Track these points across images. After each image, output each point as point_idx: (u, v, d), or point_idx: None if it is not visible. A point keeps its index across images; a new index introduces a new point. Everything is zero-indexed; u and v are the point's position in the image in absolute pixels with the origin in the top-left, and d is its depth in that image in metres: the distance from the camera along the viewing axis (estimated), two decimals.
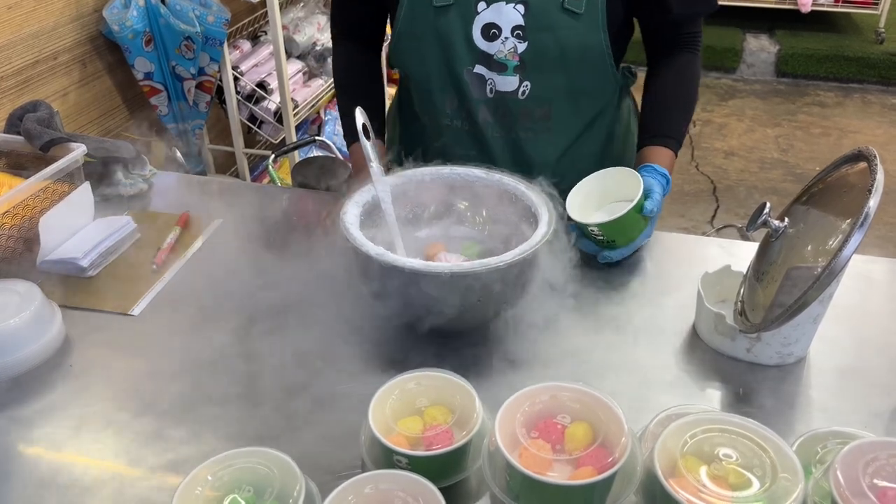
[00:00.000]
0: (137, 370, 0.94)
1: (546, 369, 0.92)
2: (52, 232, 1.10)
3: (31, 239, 1.10)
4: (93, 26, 2.19)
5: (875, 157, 0.83)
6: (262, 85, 2.65)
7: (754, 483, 0.60)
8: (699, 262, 1.07)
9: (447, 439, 0.73)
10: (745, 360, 0.93)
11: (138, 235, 1.19)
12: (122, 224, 1.16)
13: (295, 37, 2.81)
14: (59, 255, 1.09)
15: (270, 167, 2.14)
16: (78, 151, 1.16)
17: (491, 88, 1.15)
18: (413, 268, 0.86)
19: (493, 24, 1.11)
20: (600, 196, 1.14)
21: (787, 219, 0.91)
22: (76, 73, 2.16)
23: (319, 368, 0.92)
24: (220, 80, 2.52)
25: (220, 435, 0.84)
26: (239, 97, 2.62)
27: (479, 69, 1.14)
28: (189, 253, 1.15)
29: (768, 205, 0.90)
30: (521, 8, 1.09)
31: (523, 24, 1.10)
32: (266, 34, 2.84)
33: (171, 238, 1.16)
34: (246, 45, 2.74)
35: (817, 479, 0.63)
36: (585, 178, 1.14)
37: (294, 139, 2.60)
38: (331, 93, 2.92)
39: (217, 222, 1.23)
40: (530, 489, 0.64)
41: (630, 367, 0.93)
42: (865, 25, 4.86)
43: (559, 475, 0.64)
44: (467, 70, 1.15)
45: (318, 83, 2.86)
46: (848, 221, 0.80)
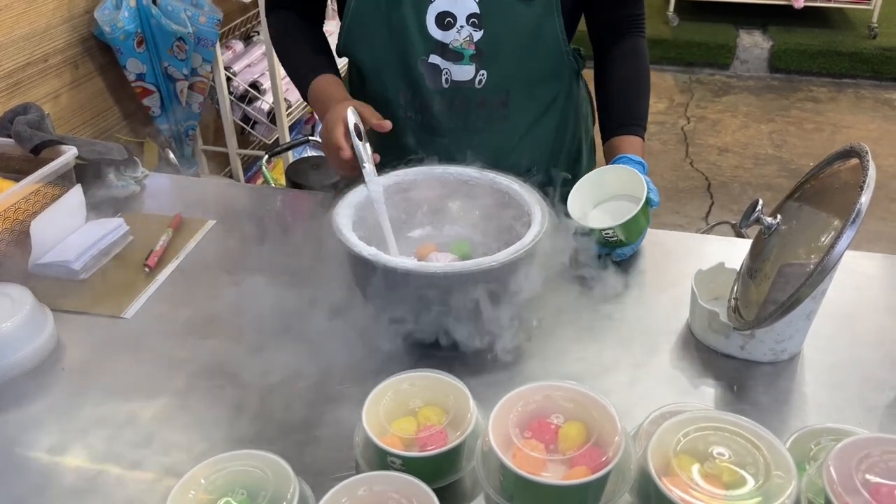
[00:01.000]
0: (130, 373, 0.93)
1: (541, 368, 0.92)
2: (44, 235, 1.09)
3: (23, 242, 1.10)
4: (84, 28, 2.18)
5: (867, 153, 0.83)
6: (255, 85, 2.65)
7: (748, 481, 0.60)
8: (693, 260, 1.07)
9: (441, 440, 0.72)
10: (740, 357, 0.93)
11: (131, 238, 1.18)
12: (114, 226, 1.16)
13: None
14: (51, 258, 1.09)
15: (264, 167, 2.13)
16: (69, 154, 1.16)
17: (446, 78, 1.13)
18: (406, 268, 0.86)
19: (448, 12, 1.09)
20: (595, 196, 1.14)
21: (779, 216, 0.91)
22: (68, 75, 2.15)
23: (313, 370, 0.92)
24: (213, 81, 2.51)
25: (213, 438, 0.83)
26: (232, 98, 2.61)
27: (434, 59, 1.12)
28: (182, 255, 1.15)
29: (761, 202, 0.90)
30: None
31: (478, 11, 1.09)
32: (258, 34, 2.83)
33: (164, 240, 1.16)
34: (238, 46, 2.73)
35: (811, 475, 0.63)
36: (580, 180, 1.13)
37: (287, 139, 2.60)
38: None
39: (210, 223, 1.22)
40: (524, 489, 0.64)
41: (624, 365, 0.93)
42: (858, 21, 4.87)
43: (553, 475, 0.64)
44: (422, 60, 1.12)
45: None
46: (840, 218, 0.80)
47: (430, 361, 0.91)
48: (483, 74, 1.13)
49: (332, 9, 1.31)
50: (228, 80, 2.59)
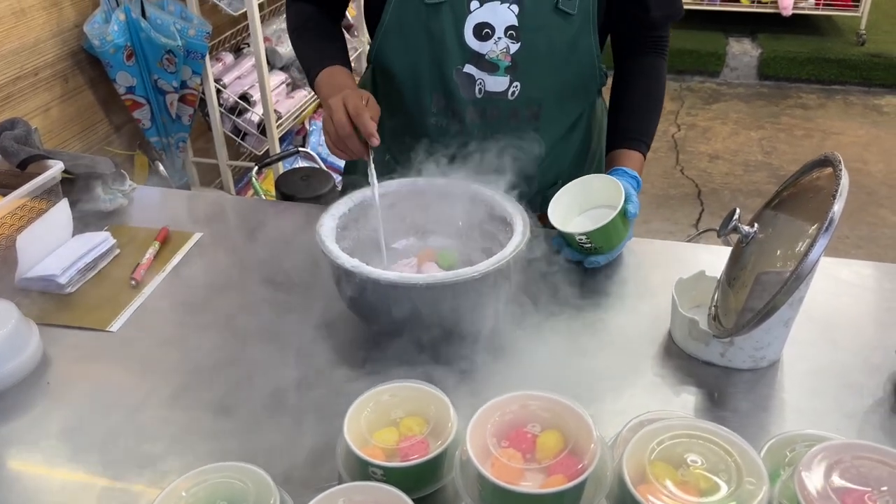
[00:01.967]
0: (115, 386, 0.94)
1: (521, 377, 0.93)
2: (30, 249, 1.10)
3: (9, 257, 1.10)
4: (74, 41, 2.19)
5: (840, 162, 0.84)
6: (245, 97, 2.66)
7: (721, 487, 0.61)
8: (675, 268, 1.08)
9: (423, 449, 0.73)
10: (720, 365, 0.94)
11: (118, 251, 1.19)
12: (100, 240, 1.16)
13: (277, 48, 2.82)
14: (38, 273, 1.09)
15: (254, 179, 2.14)
16: (55, 169, 1.17)
17: (480, 89, 1.14)
18: (388, 280, 0.87)
19: (487, 23, 1.10)
20: (580, 203, 1.15)
21: (756, 224, 0.92)
22: (58, 89, 2.16)
23: (297, 382, 0.92)
24: (203, 93, 2.52)
25: (197, 450, 0.84)
26: (222, 109, 2.62)
27: (469, 69, 1.13)
28: (168, 268, 1.15)
29: (738, 211, 0.91)
30: (515, 8, 1.09)
31: (517, 24, 1.09)
32: (248, 46, 2.84)
33: (150, 253, 1.16)
34: (228, 58, 2.75)
35: (784, 481, 0.64)
36: (564, 188, 1.15)
37: (278, 150, 2.61)
38: (315, 103, 2.93)
39: (197, 236, 1.23)
40: (502, 499, 0.65)
41: (606, 373, 0.94)
42: (846, 28, 4.91)
43: (531, 484, 0.65)
44: (457, 70, 1.13)
45: (301, 94, 2.87)
46: (815, 226, 0.81)
47: (412, 372, 0.91)
48: (517, 86, 1.13)
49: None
50: (218, 91, 2.60)
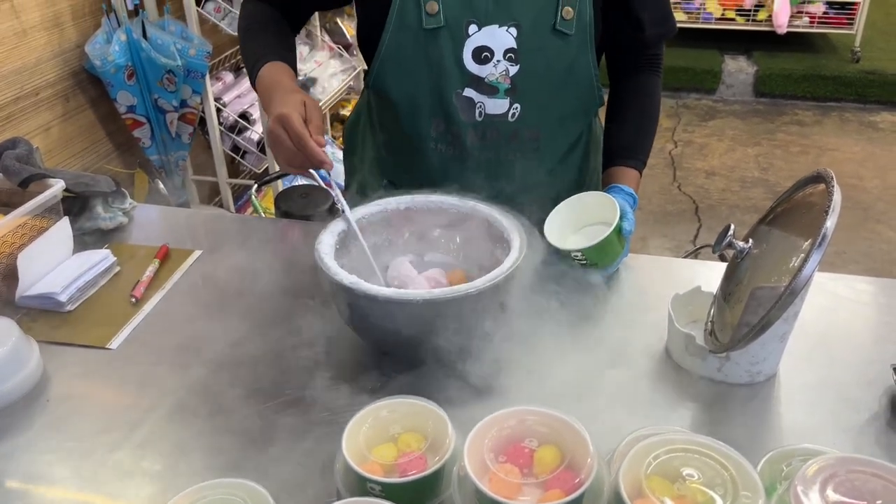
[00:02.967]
0: (115, 403, 0.94)
1: (519, 393, 0.93)
2: (31, 267, 1.10)
3: (10, 275, 1.11)
4: (75, 61, 2.21)
5: (832, 178, 0.85)
6: (244, 115, 2.68)
7: (717, 501, 0.61)
8: (672, 284, 1.08)
9: (421, 465, 0.73)
10: (717, 380, 0.95)
11: (118, 269, 1.20)
12: (100, 258, 1.17)
13: None
14: (38, 291, 1.10)
15: (253, 197, 2.15)
16: (56, 187, 1.17)
17: (480, 112, 1.14)
18: (386, 296, 0.88)
19: (486, 47, 1.10)
20: (576, 220, 1.16)
21: (751, 240, 0.93)
22: (59, 108, 2.17)
23: (295, 398, 0.93)
24: (203, 112, 2.54)
25: (196, 467, 0.84)
26: (222, 128, 2.64)
27: (469, 92, 1.13)
28: (168, 285, 1.16)
29: (732, 226, 0.92)
30: (513, 31, 1.09)
31: (516, 46, 1.10)
32: None
33: (150, 271, 1.17)
34: (229, 77, 2.77)
35: (780, 495, 0.64)
36: (560, 205, 1.16)
37: (277, 168, 2.62)
38: None
39: (196, 254, 1.24)
40: None
41: (603, 388, 0.94)
42: (841, 45, 4.96)
43: (529, 499, 0.65)
44: (457, 93, 1.13)
45: None
46: (808, 241, 0.82)
47: (410, 388, 0.92)
48: (517, 108, 1.14)
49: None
50: (218, 110, 2.62)
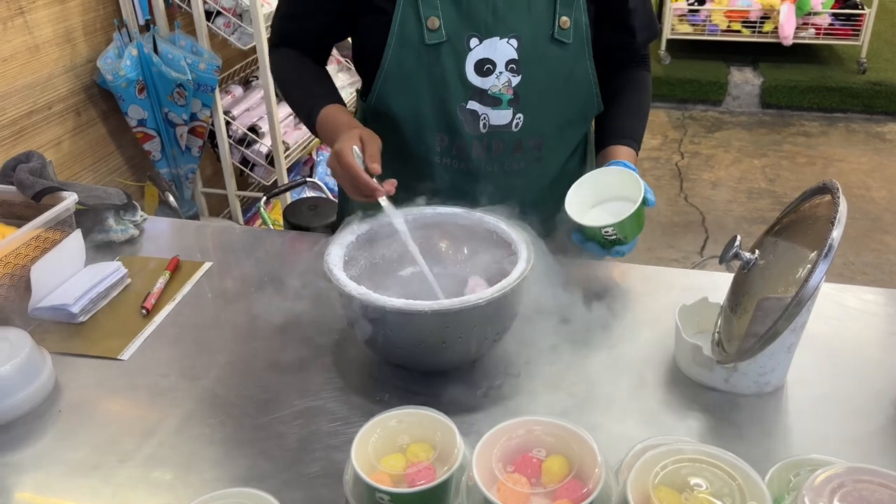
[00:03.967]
0: (126, 414, 0.95)
1: (527, 403, 0.94)
2: (44, 279, 1.12)
3: (23, 287, 1.12)
4: (87, 76, 2.24)
5: (838, 189, 0.85)
6: (253, 129, 2.70)
7: None
8: (679, 294, 1.09)
9: (429, 475, 0.74)
10: (724, 390, 0.95)
11: (129, 280, 1.21)
12: (112, 270, 1.19)
13: None
14: (51, 302, 1.11)
15: (262, 209, 2.17)
16: (69, 200, 1.19)
17: (484, 123, 1.15)
18: (395, 307, 0.88)
19: (488, 59, 1.11)
20: (593, 197, 1.16)
21: (757, 251, 0.93)
22: (70, 122, 2.20)
23: (305, 408, 0.93)
24: (213, 125, 2.56)
25: (206, 477, 0.85)
26: (231, 141, 2.66)
27: (473, 105, 1.14)
28: (178, 297, 1.17)
29: (739, 238, 0.93)
30: (514, 42, 1.11)
31: (517, 57, 1.12)
32: (257, 79, 2.90)
33: (161, 283, 1.18)
34: (238, 90, 2.80)
35: None
36: (576, 183, 1.15)
37: (286, 181, 2.64)
38: None
39: (206, 266, 1.25)
40: None
41: (610, 399, 0.95)
42: (847, 56, 4.96)
43: None
44: (460, 107, 1.14)
45: None
46: (815, 252, 0.83)
47: (419, 398, 0.93)
48: (520, 118, 1.15)
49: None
50: (228, 123, 2.64)
